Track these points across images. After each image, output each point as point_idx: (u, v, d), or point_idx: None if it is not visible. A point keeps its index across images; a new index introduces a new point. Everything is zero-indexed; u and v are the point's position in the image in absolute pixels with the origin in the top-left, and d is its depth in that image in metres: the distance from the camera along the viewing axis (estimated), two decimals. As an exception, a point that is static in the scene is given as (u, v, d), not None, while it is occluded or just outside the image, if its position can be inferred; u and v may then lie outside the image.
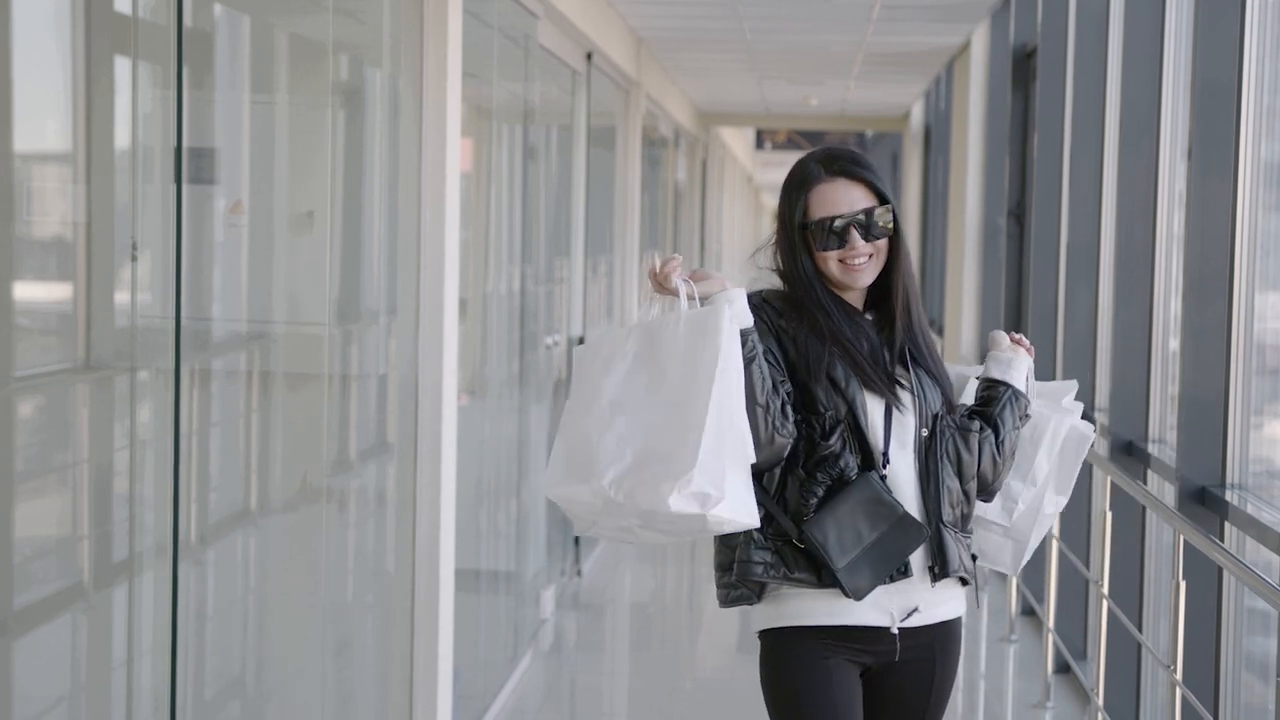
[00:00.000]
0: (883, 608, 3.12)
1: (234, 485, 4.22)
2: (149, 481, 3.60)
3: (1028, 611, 7.56)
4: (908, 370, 3.15)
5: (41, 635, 3.35)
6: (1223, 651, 4.89)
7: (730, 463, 2.87)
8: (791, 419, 3.05)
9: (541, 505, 7.59)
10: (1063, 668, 6.61)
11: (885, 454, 3.10)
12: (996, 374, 3.26)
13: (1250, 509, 4.75)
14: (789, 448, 3.07)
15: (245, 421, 4.24)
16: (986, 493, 3.25)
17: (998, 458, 3.21)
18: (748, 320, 3.01)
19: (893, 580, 3.09)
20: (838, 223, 3.11)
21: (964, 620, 3.28)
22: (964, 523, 3.19)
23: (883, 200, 3.13)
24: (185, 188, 3.66)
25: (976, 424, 3.19)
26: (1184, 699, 4.38)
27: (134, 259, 3.55)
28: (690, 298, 2.95)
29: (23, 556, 3.26)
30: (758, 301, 3.14)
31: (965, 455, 3.17)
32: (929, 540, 3.11)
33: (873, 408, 3.11)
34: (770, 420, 3.00)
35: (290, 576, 4.55)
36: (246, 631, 4.32)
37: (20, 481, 3.23)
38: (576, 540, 8.68)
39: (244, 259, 4.19)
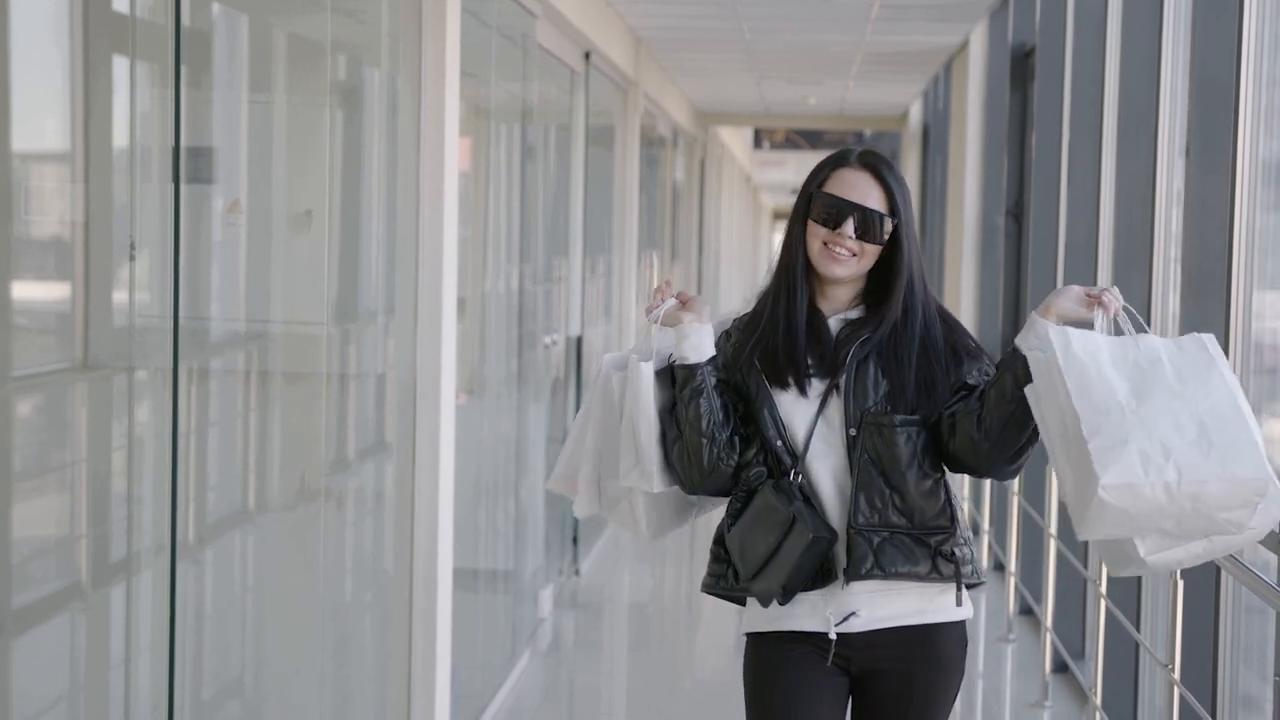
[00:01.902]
0: (819, 612, 3.11)
1: (232, 485, 4.22)
2: (147, 481, 3.60)
3: (1026, 611, 7.56)
4: (853, 368, 3.09)
5: (40, 635, 3.35)
6: (1220, 651, 4.89)
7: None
8: (739, 448, 3.12)
9: (540, 504, 7.59)
10: (1061, 667, 6.61)
11: (804, 458, 3.09)
12: (1017, 338, 3.06)
13: (1248, 508, 4.74)
14: (732, 475, 3.13)
15: (243, 421, 4.24)
16: (994, 472, 3.07)
17: (976, 433, 3.01)
18: (701, 355, 3.12)
19: (825, 585, 3.08)
20: (836, 203, 3.09)
21: (961, 627, 3.17)
22: (912, 519, 3.07)
23: (894, 213, 3.11)
24: (183, 187, 3.66)
25: (897, 416, 3.06)
26: (1182, 698, 4.38)
27: (132, 258, 3.55)
28: (654, 321, 3.16)
29: (21, 556, 3.27)
30: (730, 325, 3.22)
31: (884, 452, 3.07)
32: (844, 542, 3.06)
33: (792, 414, 3.11)
34: (714, 450, 3.10)
35: (288, 576, 4.55)
36: (245, 631, 4.32)
37: (19, 481, 3.23)
38: (575, 539, 8.69)
39: (242, 258, 4.19)
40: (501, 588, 6.79)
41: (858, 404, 3.08)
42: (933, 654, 3.14)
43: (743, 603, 3.23)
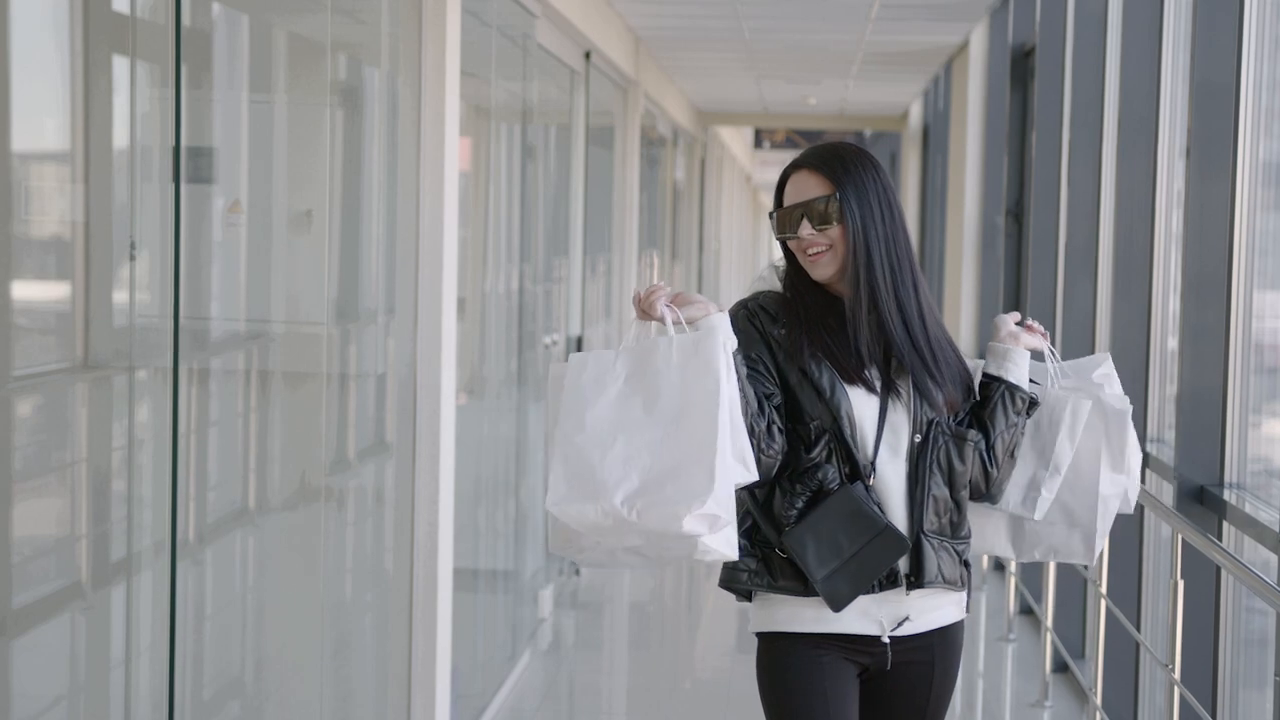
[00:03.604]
0: (871, 616, 3.12)
1: (232, 484, 4.22)
2: (147, 481, 3.61)
3: (1026, 611, 7.57)
4: (905, 372, 3.11)
5: (40, 634, 3.35)
6: (1221, 651, 4.90)
7: (732, 489, 2.87)
8: (779, 438, 3.06)
9: (540, 504, 7.59)
10: (1061, 667, 6.61)
11: (874, 462, 3.08)
12: (991, 369, 3.20)
13: (1248, 508, 4.75)
14: (777, 466, 3.07)
15: (244, 421, 4.25)
16: (986, 497, 3.21)
17: (989, 464, 3.16)
18: (733, 344, 3.01)
19: (881, 589, 3.09)
20: (787, 213, 3.11)
21: (964, 623, 3.26)
22: (954, 530, 3.15)
23: (840, 190, 3.09)
24: (184, 187, 3.66)
25: (971, 431, 3.14)
26: (1182, 698, 4.39)
27: (132, 258, 3.56)
28: (676, 324, 2.94)
29: (21, 556, 3.27)
30: (754, 308, 3.14)
31: (957, 464, 3.13)
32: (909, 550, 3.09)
33: (863, 414, 3.09)
34: (755, 442, 3.01)
35: (289, 576, 4.56)
36: (245, 631, 4.32)
37: (19, 481, 3.23)
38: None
39: (242, 258, 4.19)
40: (501, 588, 6.79)
41: (924, 412, 3.10)
42: (950, 649, 3.22)
43: (745, 597, 3.21)
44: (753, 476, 2.94)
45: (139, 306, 3.61)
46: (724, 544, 2.85)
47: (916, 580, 3.10)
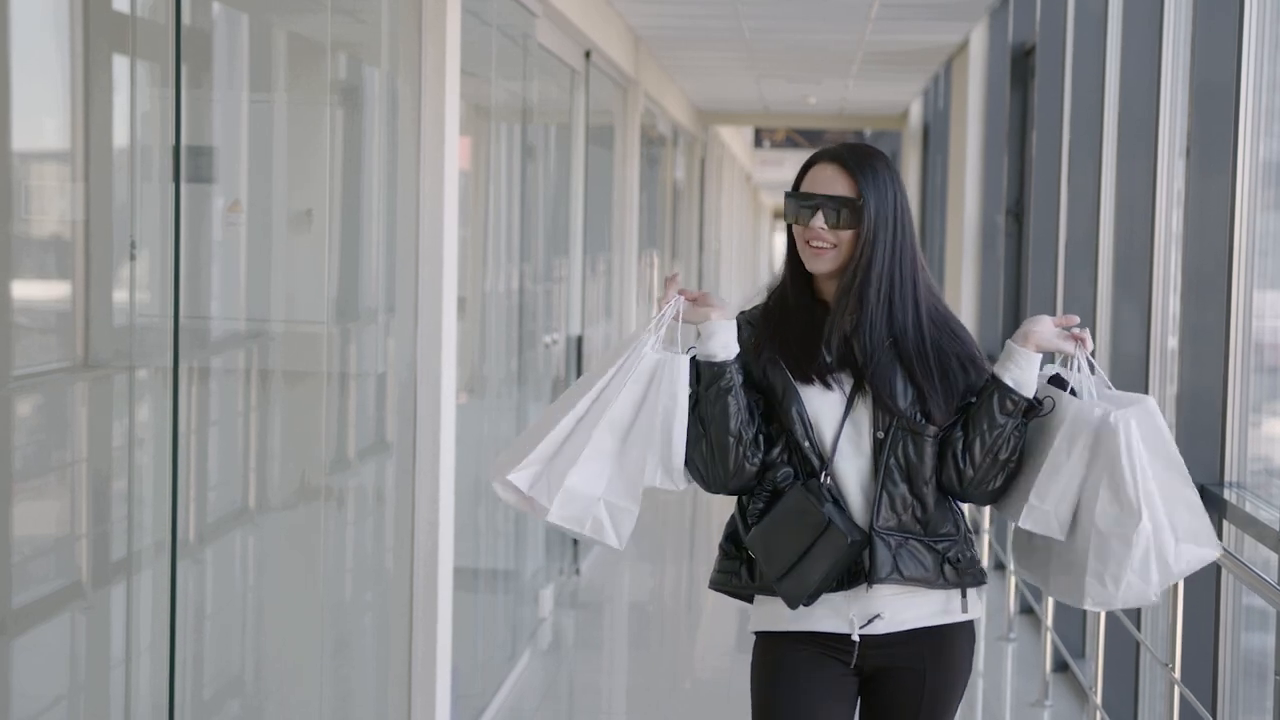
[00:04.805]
0: (842, 614, 3.12)
1: (233, 484, 4.22)
2: (148, 480, 3.61)
3: (1026, 610, 7.57)
4: (871, 369, 3.10)
5: (40, 634, 3.35)
6: (1221, 650, 4.90)
7: (592, 478, 3.11)
8: (763, 448, 3.10)
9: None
10: (1061, 666, 6.61)
11: (831, 459, 3.09)
12: (995, 366, 3.17)
13: (1249, 507, 4.75)
14: (755, 474, 3.12)
15: (244, 420, 4.25)
16: (961, 496, 3.15)
17: (961, 462, 3.10)
18: (729, 352, 3.08)
19: (851, 587, 3.09)
20: (804, 201, 3.12)
21: (971, 626, 3.21)
22: (926, 527, 3.11)
23: (861, 195, 3.10)
24: (184, 186, 3.66)
25: (930, 427, 3.10)
26: (1182, 697, 4.39)
27: (132, 258, 3.56)
28: (675, 318, 3.06)
29: (21, 555, 3.27)
30: (740, 322, 3.18)
31: (914, 460, 3.10)
32: (866, 546, 3.08)
33: (819, 413, 3.10)
34: (741, 450, 3.08)
35: (289, 575, 4.56)
36: (245, 630, 4.32)
37: (19, 480, 3.23)
38: (575, 539, 8.68)
39: (242, 258, 4.19)
40: (501, 587, 6.79)
41: (887, 409, 3.09)
42: (944, 654, 3.18)
43: (750, 600, 3.23)
44: (674, 485, 3.10)
45: (139, 306, 3.61)
46: (564, 521, 3.21)
47: (870, 577, 3.08)
